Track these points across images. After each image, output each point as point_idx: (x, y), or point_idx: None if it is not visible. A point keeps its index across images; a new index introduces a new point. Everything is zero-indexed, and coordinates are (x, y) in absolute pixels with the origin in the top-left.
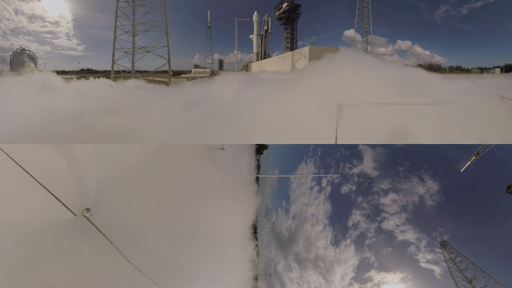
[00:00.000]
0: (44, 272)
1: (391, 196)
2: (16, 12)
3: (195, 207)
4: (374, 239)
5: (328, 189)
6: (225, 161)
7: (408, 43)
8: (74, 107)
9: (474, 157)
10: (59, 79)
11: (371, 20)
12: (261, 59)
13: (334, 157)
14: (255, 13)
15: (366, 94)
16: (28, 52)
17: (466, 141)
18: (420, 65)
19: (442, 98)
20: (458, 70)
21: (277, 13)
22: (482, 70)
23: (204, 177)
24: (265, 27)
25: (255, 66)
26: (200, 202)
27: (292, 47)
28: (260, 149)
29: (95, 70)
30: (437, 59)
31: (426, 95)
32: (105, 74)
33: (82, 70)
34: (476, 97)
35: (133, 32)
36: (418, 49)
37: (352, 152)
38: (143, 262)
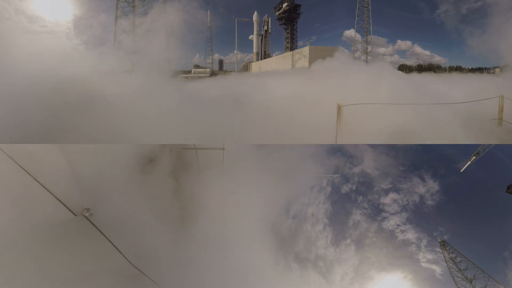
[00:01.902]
0: (44, 272)
1: (392, 195)
2: (16, 12)
3: (196, 207)
4: (374, 239)
5: (328, 188)
6: (225, 160)
7: (408, 43)
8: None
9: (474, 157)
10: None
11: (371, 20)
12: (261, 59)
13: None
14: (255, 13)
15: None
16: None
17: (466, 141)
18: (420, 65)
19: (442, 98)
20: (458, 70)
21: (277, 13)
22: (482, 70)
23: (205, 176)
24: (265, 27)
25: (255, 66)
26: (201, 202)
27: (292, 47)
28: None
29: None
30: (437, 59)
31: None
32: None
33: None
34: (476, 97)
35: (133, 32)
36: (418, 49)
37: (352, 152)
38: (143, 262)
